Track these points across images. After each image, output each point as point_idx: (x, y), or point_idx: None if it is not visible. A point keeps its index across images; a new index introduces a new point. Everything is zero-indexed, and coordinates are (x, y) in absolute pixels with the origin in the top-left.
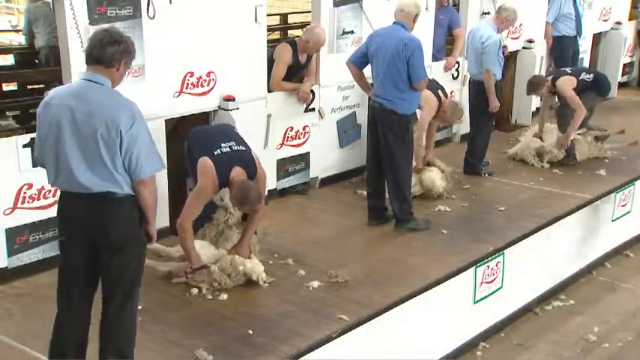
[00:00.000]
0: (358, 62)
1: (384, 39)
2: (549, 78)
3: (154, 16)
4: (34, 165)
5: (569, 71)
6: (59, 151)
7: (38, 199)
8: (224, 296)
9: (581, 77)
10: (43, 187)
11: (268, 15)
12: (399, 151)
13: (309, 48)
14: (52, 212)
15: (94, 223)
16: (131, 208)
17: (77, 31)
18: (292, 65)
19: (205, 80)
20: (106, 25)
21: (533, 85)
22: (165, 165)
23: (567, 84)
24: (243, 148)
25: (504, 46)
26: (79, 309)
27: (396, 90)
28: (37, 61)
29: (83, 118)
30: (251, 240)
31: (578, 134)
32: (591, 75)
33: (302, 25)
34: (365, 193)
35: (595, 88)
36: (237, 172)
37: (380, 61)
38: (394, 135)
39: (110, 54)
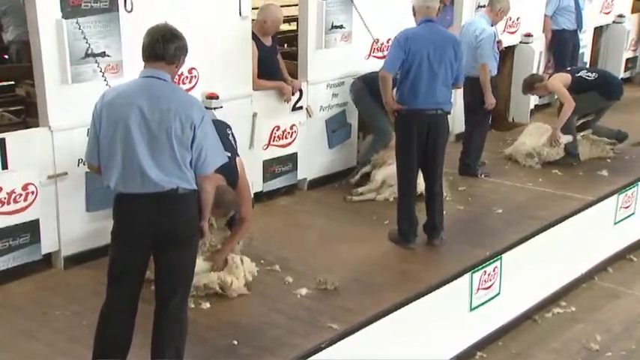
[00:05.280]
0: (395, 72)
1: (434, 41)
2: (546, 76)
3: (131, 10)
4: (3, 167)
5: (567, 69)
6: (128, 151)
7: (8, 204)
8: (207, 305)
9: (579, 74)
10: (13, 191)
11: (253, 8)
12: (443, 157)
13: (268, 28)
14: (23, 217)
15: (164, 222)
16: (195, 203)
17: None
18: (263, 54)
19: (187, 77)
20: (86, 19)
21: (525, 85)
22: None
23: (558, 80)
24: (228, 154)
25: (499, 41)
26: (128, 304)
27: (448, 91)
28: (6, 57)
29: (155, 116)
30: (230, 250)
31: (582, 135)
32: (594, 74)
33: (289, 19)
34: (358, 197)
35: (600, 89)
36: (216, 178)
37: (430, 64)
38: (444, 140)
39: (172, 50)
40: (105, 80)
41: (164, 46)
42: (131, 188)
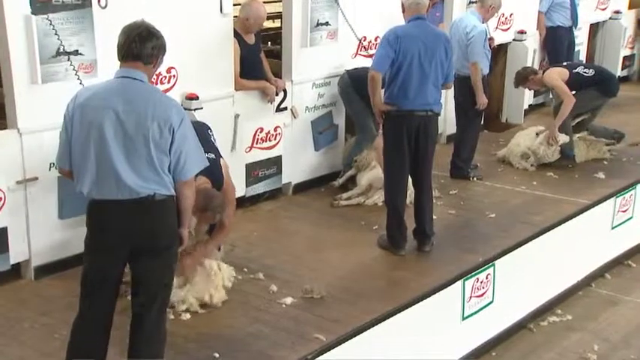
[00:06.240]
0: (384, 72)
1: (424, 39)
2: (540, 71)
3: (106, 6)
4: None
5: (564, 64)
6: (102, 155)
7: None
8: (187, 316)
9: (576, 70)
10: None
11: (235, 5)
12: (433, 160)
13: (251, 25)
14: None
15: (141, 230)
16: (174, 210)
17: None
18: (245, 53)
19: (165, 77)
20: (57, 15)
21: (518, 78)
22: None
23: (555, 75)
24: (213, 157)
25: (491, 38)
26: (103, 317)
27: (438, 91)
28: None
29: (131, 119)
30: (203, 256)
31: (579, 137)
32: (591, 70)
33: (273, 16)
34: (346, 202)
35: (597, 86)
36: (202, 181)
37: (421, 64)
38: (434, 143)
39: (150, 49)
40: (78, 80)
41: (141, 45)
42: (105, 194)
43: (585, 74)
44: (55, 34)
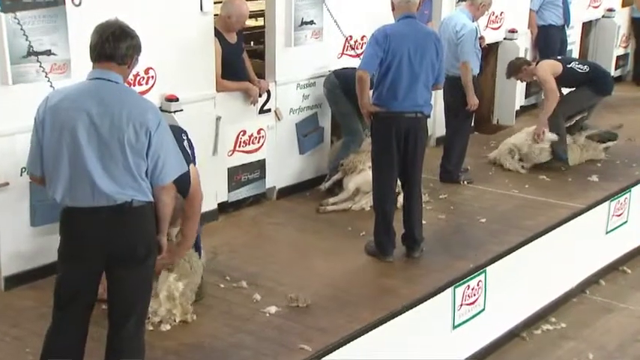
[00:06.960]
0: (373, 72)
1: (414, 38)
2: (534, 63)
3: (80, 3)
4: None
5: (558, 58)
6: (75, 160)
7: None
8: (166, 326)
9: (570, 65)
10: None
11: (216, 2)
12: (422, 163)
13: (233, 24)
14: None
15: (118, 238)
16: (152, 217)
17: None
18: (227, 53)
19: (143, 78)
20: (27, 13)
21: (511, 68)
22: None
23: (546, 67)
24: None
25: (481, 37)
26: (77, 330)
27: (428, 92)
28: None
29: (106, 122)
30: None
31: (574, 141)
32: (585, 67)
33: (256, 15)
34: (332, 207)
35: (592, 84)
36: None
37: (411, 64)
38: (423, 145)
39: (124, 50)
40: (49, 81)
41: (114, 45)
42: (80, 201)
43: (580, 70)
44: (25, 33)
